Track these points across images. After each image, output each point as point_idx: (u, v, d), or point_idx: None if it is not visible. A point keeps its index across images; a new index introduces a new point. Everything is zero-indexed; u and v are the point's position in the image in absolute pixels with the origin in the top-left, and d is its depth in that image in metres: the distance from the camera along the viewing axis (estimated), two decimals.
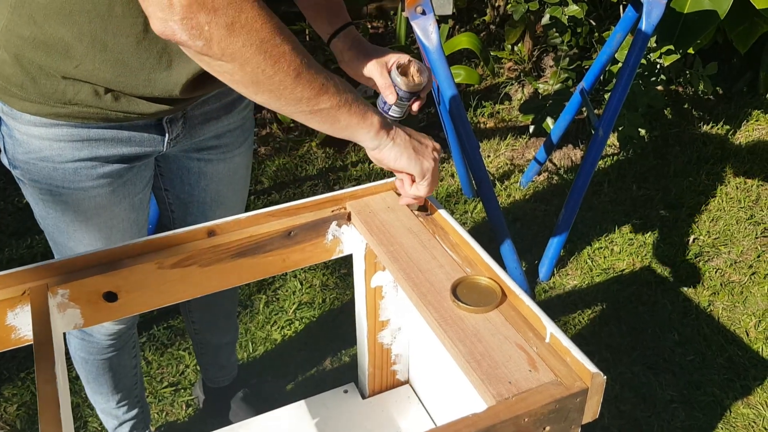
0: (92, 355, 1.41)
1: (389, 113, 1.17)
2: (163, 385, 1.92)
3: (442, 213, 1.09)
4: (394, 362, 1.30)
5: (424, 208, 1.12)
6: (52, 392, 0.82)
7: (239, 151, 1.32)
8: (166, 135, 1.17)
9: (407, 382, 1.35)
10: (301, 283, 2.23)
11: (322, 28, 1.20)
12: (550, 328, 0.87)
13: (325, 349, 2.02)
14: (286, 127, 3.01)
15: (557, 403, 0.80)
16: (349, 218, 1.12)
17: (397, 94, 1.14)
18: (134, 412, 1.57)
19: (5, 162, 1.16)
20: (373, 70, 1.15)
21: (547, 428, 0.81)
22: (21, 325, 0.98)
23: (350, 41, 1.18)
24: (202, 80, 1.08)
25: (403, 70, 1.14)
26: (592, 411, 0.84)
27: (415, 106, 1.17)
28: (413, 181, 1.05)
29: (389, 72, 1.15)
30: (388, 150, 0.99)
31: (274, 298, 2.19)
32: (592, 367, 0.81)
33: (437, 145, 1.04)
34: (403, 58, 1.14)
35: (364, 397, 1.33)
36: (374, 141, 0.98)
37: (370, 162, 2.80)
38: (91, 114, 1.07)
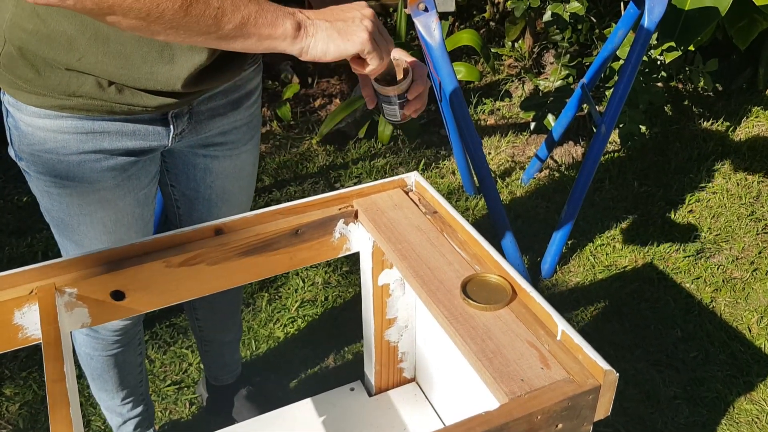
0: (98, 351, 1.40)
1: (386, 116, 1.12)
2: (167, 383, 1.92)
3: (450, 210, 1.09)
4: (401, 360, 1.30)
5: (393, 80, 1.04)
6: (61, 391, 0.82)
7: (246, 148, 1.31)
8: (171, 129, 1.17)
9: (414, 379, 1.34)
10: (304, 281, 2.23)
11: None
12: (562, 326, 0.87)
13: (328, 347, 2.02)
14: (286, 124, 3.00)
15: (570, 400, 0.80)
16: (356, 216, 1.12)
17: (377, 97, 1.09)
18: (139, 409, 1.56)
19: (12, 154, 1.17)
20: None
21: (560, 426, 0.81)
22: (28, 324, 0.98)
23: None
24: (205, 75, 1.08)
25: (384, 77, 1.06)
26: (604, 408, 0.84)
27: (408, 111, 1.09)
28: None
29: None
30: (313, 48, 0.91)
31: (276, 296, 2.18)
32: (604, 365, 0.81)
33: (366, 11, 0.93)
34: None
35: (370, 394, 1.32)
36: (296, 46, 0.90)
37: (372, 159, 2.79)
38: (96, 106, 1.07)
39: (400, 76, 1.07)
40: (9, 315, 0.96)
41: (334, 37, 0.91)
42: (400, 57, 1.08)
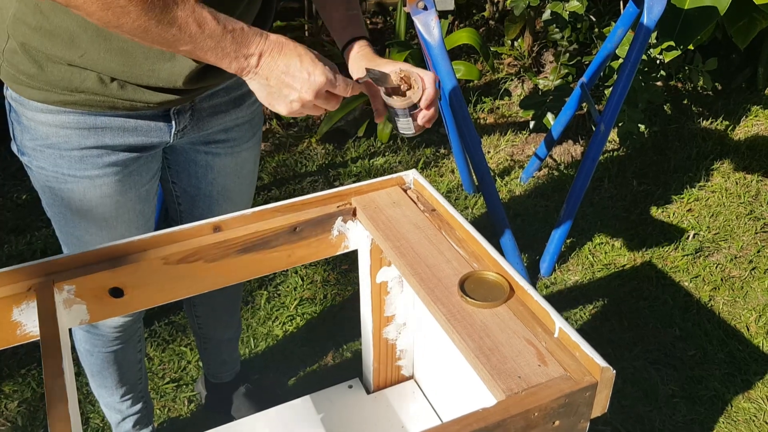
0: (97, 348, 1.41)
1: (400, 130, 1.14)
2: (165, 381, 1.92)
3: (448, 208, 1.09)
4: (399, 357, 1.30)
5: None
6: (60, 388, 0.82)
7: (247, 145, 1.32)
8: (173, 126, 1.17)
9: (412, 377, 1.35)
10: (303, 279, 2.23)
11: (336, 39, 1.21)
12: (559, 323, 0.87)
13: (326, 345, 2.02)
14: (285, 123, 3.00)
15: (567, 397, 0.80)
16: (354, 214, 1.12)
17: (389, 111, 1.11)
18: (138, 406, 1.56)
19: (14, 149, 1.17)
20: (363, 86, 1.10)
21: (557, 423, 0.81)
22: (26, 321, 0.98)
23: (349, 57, 1.17)
24: (206, 72, 1.09)
25: (393, 90, 1.09)
26: (601, 405, 0.84)
27: (420, 120, 1.11)
28: None
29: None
30: (248, 83, 0.99)
31: (275, 294, 2.18)
32: (601, 362, 0.81)
33: (306, 95, 0.96)
34: (394, 73, 1.08)
35: (368, 392, 1.33)
36: (240, 78, 0.98)
37: (371, 158, 2.80)
38: (98, 102, 1.08)
39: (409, 87, 1.09)
40: (7, 312, 0.96)
41: (262, 92, 0.98)
42: (408, 69, 1.09)
